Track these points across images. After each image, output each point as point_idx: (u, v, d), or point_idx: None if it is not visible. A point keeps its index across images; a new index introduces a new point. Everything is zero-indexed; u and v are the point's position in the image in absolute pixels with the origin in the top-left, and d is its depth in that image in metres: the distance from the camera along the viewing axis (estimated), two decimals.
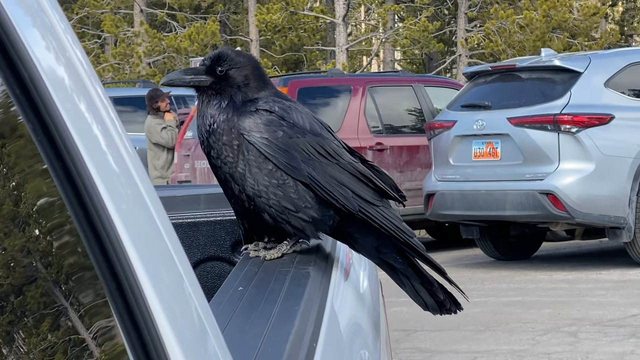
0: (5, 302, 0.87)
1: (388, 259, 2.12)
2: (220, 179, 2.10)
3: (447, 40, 31.74)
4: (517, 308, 8.39)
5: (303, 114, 2.13)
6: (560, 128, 10.16)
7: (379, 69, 34.51)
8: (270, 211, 2.05)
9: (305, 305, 1.46)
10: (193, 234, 2.57)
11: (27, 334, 0.88)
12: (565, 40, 26.92)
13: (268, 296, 1.52)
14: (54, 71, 0.95)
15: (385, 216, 2.08)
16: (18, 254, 0.90)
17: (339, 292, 1.83)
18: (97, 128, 0.99)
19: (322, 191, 2.07)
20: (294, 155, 2.06)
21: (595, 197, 10.04)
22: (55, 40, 0.98)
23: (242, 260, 1.94)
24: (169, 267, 1.01)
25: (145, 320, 0.93)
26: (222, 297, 1.52)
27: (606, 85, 10.37)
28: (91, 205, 0.93)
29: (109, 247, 0.93)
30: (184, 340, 0.96)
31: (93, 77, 1.02)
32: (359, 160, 2.17)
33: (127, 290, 0.93)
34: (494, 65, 11.78)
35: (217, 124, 2.09)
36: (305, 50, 30.43)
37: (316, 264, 1.87)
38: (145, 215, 1.00)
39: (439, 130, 11.25)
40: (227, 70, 2.13)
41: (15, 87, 0.91)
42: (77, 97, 0.97)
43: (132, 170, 1.01)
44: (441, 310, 2.14)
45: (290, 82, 12.45)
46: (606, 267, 10.36)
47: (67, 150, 0.92)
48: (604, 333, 7.29)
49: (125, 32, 27.68)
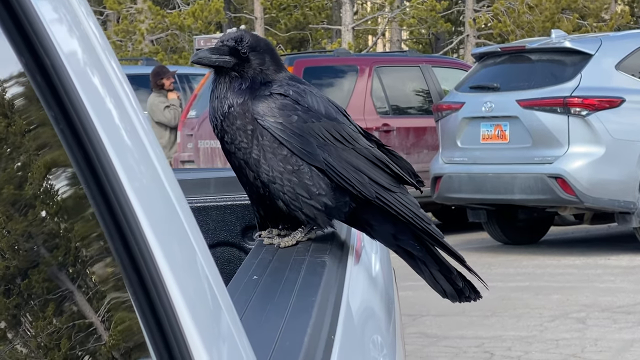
0: (16, 277, 0.86)
1: (406, 246, 2.11)
2: (235, 165, 2.08)
3: (454, 20, 31.65)
4: (524, 293, 8.38)
5: (318, 98, 2.11)
6: (570, 111, 10.13)
7: (385, 48, 34.43)
8: (284, 198, 2.03)
9: (322, 296, 1.44)
10: (203, 219, 2.56)
11: (35, 317, 0.88)
12: (575, 21, 26.85)
13: (284, 286, 1.50)
14: (68, 44, 0.94)
15: (402, 202, 2.06)
16: (33, 229, 0.89)
17: (354, 279, 1.81)
18: (111, 102, 0.98)
19: (338, 177, 2.05)
20: (309, 140, 2.04)
21: (604, 182, 10.01)
22: (69, 13, 0.97)
23: (256, 248, 1.93)
24: (184, 244, 1.01)
25: (160, 295, 0.93)
26: (237, 286, 1.51)
27: (617, 68, 10.33)
28: (105, 180, 0.92)
29: (123, 223, 0.92)
30: (198, 317, 0.95)
31: (108, 50, 1.01)
32: (375, 145, 2.14)
33: (141, 266, 0.93)
34: (503, 46, 11.74)
35: (233, 107, 2.07)
36: (311, 29, 30.37)
37: (332, 252, 1.85)
38: (159, 191, 0.99)
39: (446, 112, 11.23)
40: (249, 53, 2.12)
41: (30, 61, 0.90)
42: (90, 70, 0.96)
43: (147, 146, 1.01)
44: (460, 297, 2.13)
45: (296, 61, 12.41)
46: (615, 253, 10.35)
47: (82, 125, 0.92)
48: (612, 320, 7.28)
49: (128, 8, 27.61)
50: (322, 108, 2.10)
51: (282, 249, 1.99)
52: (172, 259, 0.96)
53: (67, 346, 0.88)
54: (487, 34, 27.59)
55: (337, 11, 30.22)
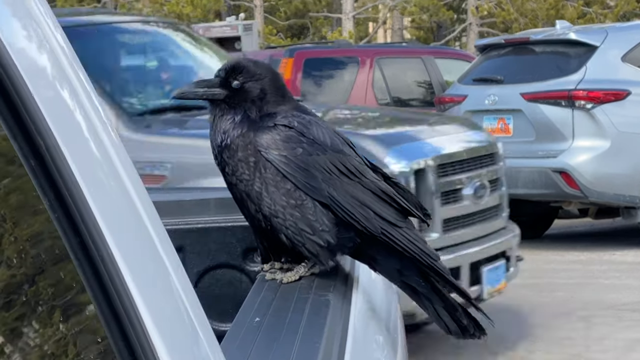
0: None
1: (410, 281, 2.08)
2: (237, 197, 2.05)
3: (457, 8, 31.60)
4: (528, 290, 8.37)
5: (324, 129, 2.06)
6: (575, 104, 10.10)
7: (386, 36, 34.38)
8: (287, 232, 2.00)
9: (327, 340, 1.42)
10: (203, 240, 2.54)
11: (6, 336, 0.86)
12: (580, 9, 26.78)
13: (287, 328, 1.48)
14: (34, 60, 0.94)
15: (408, 238, 2.03)
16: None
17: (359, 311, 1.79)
18: (80, 115, 0.97)
19: (343, 212, 2.01)
20: (314, 174, 2.01)
21: (610, 176, 9.99)
22: (36, 27, 0.96)
23: (258, 284, 1.90)
24: (155, 263, 0.99)
25: (131, 319, 0.91)
26: (239, 329, 1.48)
27: (623, 60, 10.29)
28: (68, 196, 0.90)
29: (88, 242, 0.91)
30: (172, 342, 0.94)
31: (76, 63, 1.01)
32: (381, 178, 2.11)
33: (109, 287, 0.91)
34: (507, 38, 11.70)
35: (231, 139, 2.03)
36: (311, 17, 30.33)
37: (336, 289, 1.83)
38: (128, 206, 0.97)
39: (449, 105, 11.20)
40: (243, 84, 2.06)
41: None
42: (59, 85, 0.96)
43: (115, 160, 0.99)
44: (465, 335, 2.11)
45: (297, 52, 12.39)
46: (620, 248, 10.33)
47: (43, 139, 0.91)
48: (618, 317, 7.27)
49: None
50: (328, 140, 2.06)
51: (284, 284, 1.96)
52: (143, 280, 0.94)
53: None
54: (490, 22, 27.54)
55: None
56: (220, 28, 18.82)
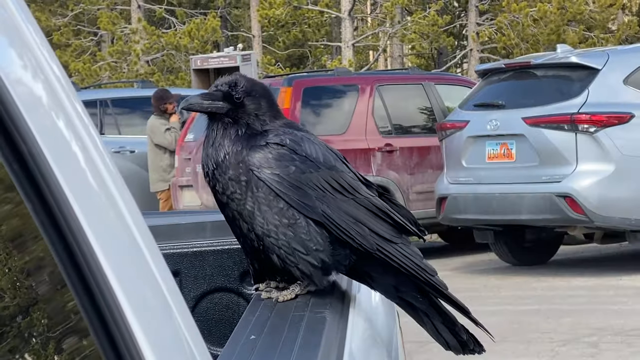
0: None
1: (408, 298, 2.09)
2: (228, 217, 2.05)
3: (457, 34, 31.69)
4: (534, 317, 8.35)
5: (316, 145, 2.08)
6: (578, 128, 10.11)
7: (387, 64, 34.47)
8: (280, 252, 2.00)
9: (323, 356, 1.42)
10: (199, 264, 2.54)
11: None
12: (581, 33, 26.87)
13: (282, 346, 1.48)
14: (31, 90, 0.95)
15: (404, 254, 2.04)
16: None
17: (356, 326, 1.79)
18: (76, 146, 0.98)
19: (338, 230, 2.02)
20: (307, 192, 2.01)
21: (615, 200, 9.99)
22: (32, 58, 0.98)
23: (254, 303, 1.91)
24: (155, 293, 0.99)
25: (128, 347, 0.91)
26: (234, 347, 1.49)
27: (625, 83, 10.32)
28: (66, 227, 0.91)
29: (87, 274, 0.91)
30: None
31: (72, 93, 1.02)
32: (375, 193, 2.12)
33: (106, 315, 0.91)
34: (507, 62, 11.74)
35: (223, 157, 2.04)
36: (310, 46, 30.42)
37: (332, 306, 1.84)
38: (127, 238, 0.98)
39: (451, 131, 11.22)
40: (244, 98, 2.09)
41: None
42: (55, 114, 0.97)
43: (114, 190, 1.00)
44: (464, 350, 2.12)
45: (295, 81, 12.41)
46: (627, 273, 10.31)
47: (40, 171, 0.91)
48: (626, 343, 7.25)
49: (123, 29, 27.67)
50: (321, 156, 2.06)
51: (280, 303, 1.96)
52: (142, 309, 0.95)
53: None
54: (491, 48, 27.62)
55: (337, 27, 30.27)
56: (218, 59, 18.89)
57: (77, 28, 29.26)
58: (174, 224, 2.60)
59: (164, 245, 2.48)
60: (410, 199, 12.25)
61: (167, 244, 2.50)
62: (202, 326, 2.44)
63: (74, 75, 25.68)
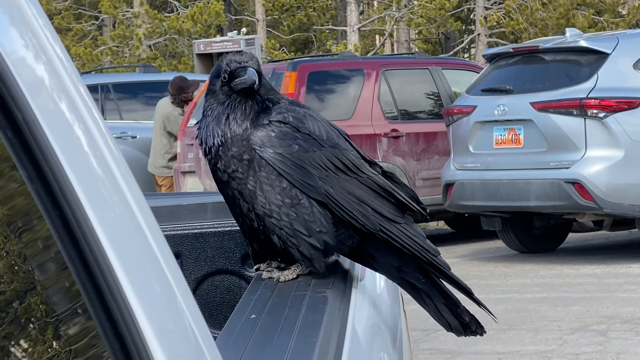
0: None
1: (410, 278, 2.08)
2: (227, 196, 2.04)
3: (465, 18, 31.63)
4: (542, 305, 8.35)
5: (319, 122, 2.07)
6: (587, 113, 10.10)
7: (393, 49, 34.42)
8: (281, 233, 1.99)
9: (324, 336, 1.42)
10: (200, 246, 2.54)
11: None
12: (591, 18, 26.80)
13: (283, 325, 1.48)
14: (33, 71, 0.95)
15: (407, 234, 2.04)
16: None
17: (359, 308, 1.79)
18: (79, 129, 0.98)
19: (340, 210, 2.01)
20: (310, 171, 2.01)
21: (624, 186, 9.98)
22: (34, 38, 0.97)
23: (254, 282, 1.91)
24: (159, 279, 0.99)
25: (134, 338, 0.91)
26: (234, 326, 1.49)
27: (635, 67, 10.30)
28: (69, 210, 0.91)
29: (90, 260, 0.91)
30: (173, 355, 0.94)
31: (75, 75, 1.02)
32: (379, 171, 2.11)
33: (108, 298, 0.91)
34: (515, 46, 11.71)
35: (226, 134, 2.02)
36: (315, 30, 30.37)
37: (334, 286, 1.84)
38: (132, 222, 0.98)
39: (457, 116, 11.20)
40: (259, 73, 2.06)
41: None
42: (57, 97, 0.97)
43: (117, 174, 1.00)
44: (466, 331, 2.12)
45: (300, 66, 12.39)
46: (637, 260, 10.31)
47: (42, 153, 0.92)
48: (635, 332, 7.25)
49: (124, 12, 27.64)
50: (324, 133, 2.06)
51: (282, 283, 1.96)
52: (147, 296, 0.95)
53: None
54: (499, 33, 27.56)
55: (342, 11, 30.23)
56: (221, 43, 18.87)
57: (78, 12, 29.22)
58: (175, 205, 2.60)
59: (165, 227, 2.48)
60: (416, 186, 12.24)
61: (168, 225, 2.50)
62: (203, 309, 2.44)
63: (75, 59, 25.66)
